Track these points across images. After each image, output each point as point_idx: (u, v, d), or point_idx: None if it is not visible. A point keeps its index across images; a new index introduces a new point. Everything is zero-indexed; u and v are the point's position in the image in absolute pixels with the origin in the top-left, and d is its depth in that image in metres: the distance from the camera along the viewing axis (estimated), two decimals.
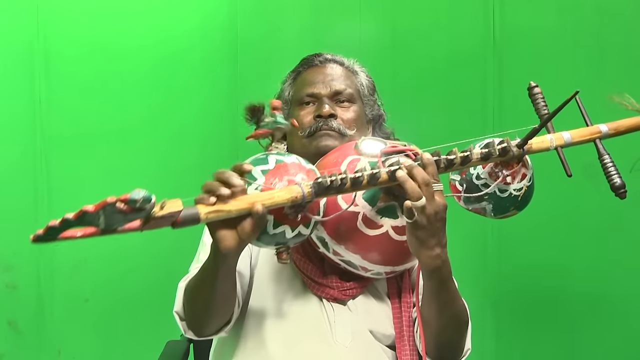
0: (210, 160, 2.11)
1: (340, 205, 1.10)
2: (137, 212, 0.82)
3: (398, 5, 2.19)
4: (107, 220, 0.81)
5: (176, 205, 0.88)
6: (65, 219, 0.79)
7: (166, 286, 2.22)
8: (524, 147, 1.08)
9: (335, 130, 1.27)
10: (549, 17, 2.18)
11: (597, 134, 1.13)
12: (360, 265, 1.16)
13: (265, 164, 1.03)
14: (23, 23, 2.08)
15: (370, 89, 1.38)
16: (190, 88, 2.15)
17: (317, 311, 1.19)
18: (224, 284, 1.07)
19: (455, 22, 2.19)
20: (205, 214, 0.92)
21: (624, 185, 1.09)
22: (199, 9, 2.16)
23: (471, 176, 1.14)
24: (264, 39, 2.17)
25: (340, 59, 1.37)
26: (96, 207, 0.79)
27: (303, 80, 1.35)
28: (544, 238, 2.18)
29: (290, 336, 1.18)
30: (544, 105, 1.15)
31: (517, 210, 1.16)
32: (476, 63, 2.17)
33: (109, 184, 2.08)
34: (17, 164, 2.09)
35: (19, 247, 2.09)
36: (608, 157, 1.12)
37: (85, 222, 0.80)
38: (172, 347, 1.64)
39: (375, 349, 1.20)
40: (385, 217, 1.11)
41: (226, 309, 1.14)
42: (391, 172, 1.02)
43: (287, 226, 1.02)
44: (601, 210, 2.17)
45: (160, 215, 0.86)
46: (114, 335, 2.13)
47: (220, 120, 2.14)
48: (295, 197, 0.97)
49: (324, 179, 0.99)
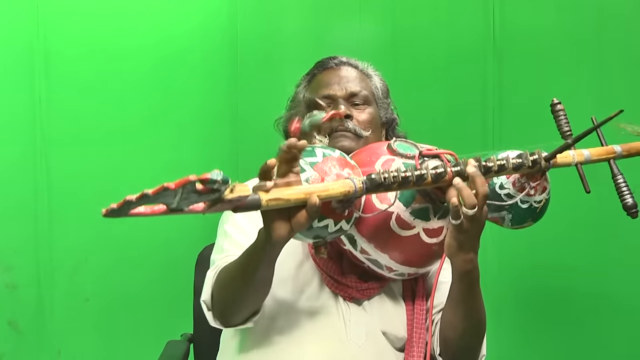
0: (210, 160, 2.11)
1: (375, 204, 1.11)
2: (211, 193, 0.82)
3: (398, 5, 2.19)
4: (181, 199, 0.80)
5: (245, 189, 0.88)
6: (144, 194, 0.77)
7: (166, 286, 2.23)
8: (550, 161, 1.10)
9: (351, 131, 1.28)
10: (549, 17, 2.18)
11: (612, 154, 1.17)
12: (385, 265, 1.17)
13: (313, 156, 1.05)
14: (23, 23, 2.08)
15: (384, 92, 1.40)
16: (190, 88, 2.15)
17: (332, 309, 1.20)
18: (265, 272, 1.08)
19: (455, 22, 2.19)
20: (266, 201, 0.93)
21: (636, 205, 1.13)
22: (199, 9, 2.16)
23: (494, 185, 1.14)
24: (264, 39, 2.17)
25: (354, 62, 1.39)
26: (177, 184, 0.78)
27: (318, 83, 1.35)
28: (544, 237, 2.17)
29: (305, 332, 1.19)
30: (566, 123, 1.17)
31: (533, 222, 1.18)
32: (476, 62, 2.17)
33: (109, 183, 2.08)
34: (17, 164, 2.09)
35: (19, 247, 2.09)
36: (621, 177, 1.16)
37: (161, 199, 0.79)
38: (172, 347, 1.64)
39: (387, 351, 1.22)
40: (418, 219, 1.12)
41: (260, 298, 1.15)
42: (437, 174, 1.03)
43: (332, 220, 1.04)
44: (602, 209, 2.16)
45: (230, 198, 0.86)
46: (114, 335, 2.13)
47: (220, 120, 2.14)
48: (348, 191, 0.99)
49: (378, 176, 1.01)
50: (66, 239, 2.09)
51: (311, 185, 0.99)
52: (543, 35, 2.17)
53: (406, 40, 2.19)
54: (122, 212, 0.79)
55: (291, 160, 0.96)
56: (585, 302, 2.18)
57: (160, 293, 2.12)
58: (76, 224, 2.09)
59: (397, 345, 1.23)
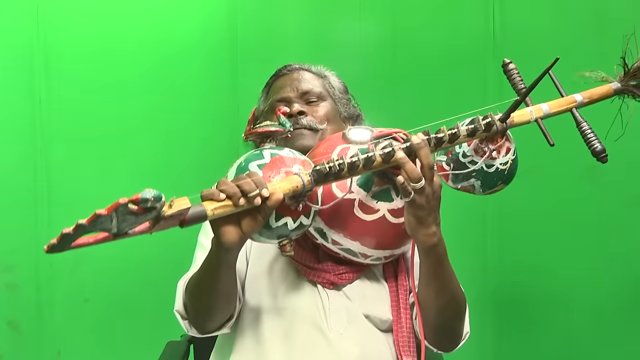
0: (210, 160, 2.11)
1: (336, 193, 1.12)
2: (148, 212, 0.82)
3: (398, 5, 2.19)
4: (119, 223, 0.81)
5: (184, 203, 0.88)
6: (79, 225, 0.77)
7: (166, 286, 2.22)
8: (506, 121, 1.09)
9: (306, 127, 1.30)
10: (549, 17, 2.18)
11: (573, 103, 1.16)
12: (360, 252, 1.17)
13: (261, 158, 1.05)
14: (23, 23, 2.08)
15: (341, 89, 1.42)
16: (190, 88, 2.15)
17: (311, 300, 1.20)
18: (225, 279, 1.09)
19: (455, 22, 2.19)
20: (211, 210, 0.92)
21: (604, 149, 1.11)
22: (199, 9, 2.16)
23: (457, 155, 1.14)
24: (264, 39, 2.17)
25: (307, 66, 1.42)
26: (109, 209, 0.79)
27: (273, 90, 1.40)
28: (544, 238, 2.18)
29: (286, 328, 1.19)
30: (520, 80, 1.17)
31: (505, 184, 1.16)
32: (476, 62, 2.18)
33: (109, 183, 2.09)
34: (17, 164, 2.09)
35: (19, 247, 2.09)
36: (586, 124, 1.14)
37: (98, 227, 0.80)
38: (172, 348, 1.64)
39: (371, 335, 1.21)
40: (381, 202, 1.13)
41: (228, 304, 1.15)
42: (385, 153, 1.02)
43: (289, 218, 1.03)
44: (601, 210, 2.17)
45: (170, 214, 0.86)
46: (114, 335, 2.13)
47: (220, 120, 2.14)
48: (296, 186, 0.99)
49: (322, 166, 1.00)
50: None
51: None
52: (543, 35, 2.17)
53: (406, 40, 2.19)
54: (64, 245, 0.79)
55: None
56: (584, 302, 2.19)
57: (160, 293, 2.12)
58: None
59: (382, 327, 1.22)
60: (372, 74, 2.16)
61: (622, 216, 2.17)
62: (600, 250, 2.17)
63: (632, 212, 2.17)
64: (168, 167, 2.13)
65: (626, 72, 1.17)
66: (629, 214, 2.16)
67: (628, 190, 2.16)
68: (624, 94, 1.18)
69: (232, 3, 2.16)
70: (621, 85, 1.18)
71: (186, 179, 2.10)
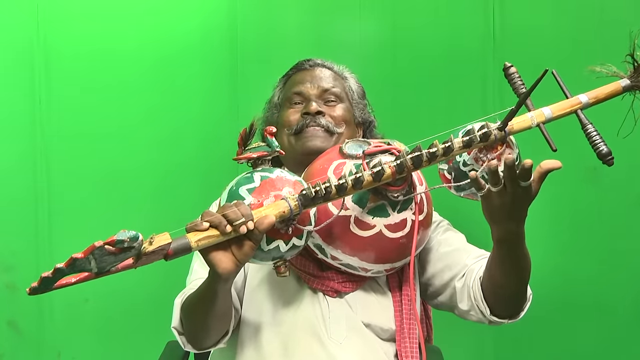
0: (210, 160, 2.11)
1: (331, 210, 1.11)
2: (126, 251, 0.83)
3: (398, 5, 2.19)
4: (98, 264, 0.83)
5: (164, 238, 0.89)
6: (57, 269, 0.80)
7: (166, 286, 2.21)
8: (505, 129, 1.07)
9: (322, 128, 1.28)
10: (549, 17, 2.18)
11: (577, 105, 1.12)
12: (359, 267, 1.17)
13: (251, 182, 1.04)
14: (23, 23, 2.08)
15: (360, 94, 1.40)
16: (190, 88, 2.15)
17: (310, 309, 1.20)
18: (222, 303, 1.09)
19: (455, 21, 2.18)
20: (195, 242, 0.93)
21: (610, 152, 1.08)
22: (199, 9, 2.16)
23: (458, 164, 1.13)
24: (264, 39, 2.17)
25: (330, 64, 1.40)
26: (85, 253, 0.81)
27: (292, 82, 1.37)
28: (545, 239, 2.17)
29: (286, 338, 1.19)
30: (521, 84, 1.14)
31: None
32: (476, 62, 2.17)
33: (108, 183, 2.08)
34: (17, 164, 2.09)
35: (19, 247, 2.09)
36: (591, 127, 1.10)
37: (77, 269, 0.82)
38: (172, 348, 1.64)
39: (371, 344, 1.20)
40: (377, 217, 1.12)
41: (224, 324, 1.15)
42: (375, 173, 1.02)
43: (280, 241, 1.03)
44: (602, 212, 2.17)
45: (151, 250, 0.87)
46: (114, 335, 2.13)
47: (220, 120, 2.14)
48: (282, 212, 0.98)
49: (309, 190, 1.00)
50: (66, 239, 2.09)
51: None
52: (543, 35, 2.17)
53: (406, 40, 2.18)
54: (45, 287, 0.82)
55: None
56: (585, 304, 2.18)
57: (160, 293, 2.12)
58: (76, 224, 2.09)
59: (384, 336, 1.22)
60: (372, 74, 2.15)
61: (623, 217, 2.16)
62: (602, 251, 2.17)
63: (633, 213, 2.16)
64: (168, 167, 2.13)
65: (636, 68, 1.13)
66: (629, 214, 2.16)
67: (629, 191, 2.16)
68: (635, 90, 1.14)
69: (232, 3, 2.16)
70: (630, 82, 1.13)
71: (186, 178, 2.10)
